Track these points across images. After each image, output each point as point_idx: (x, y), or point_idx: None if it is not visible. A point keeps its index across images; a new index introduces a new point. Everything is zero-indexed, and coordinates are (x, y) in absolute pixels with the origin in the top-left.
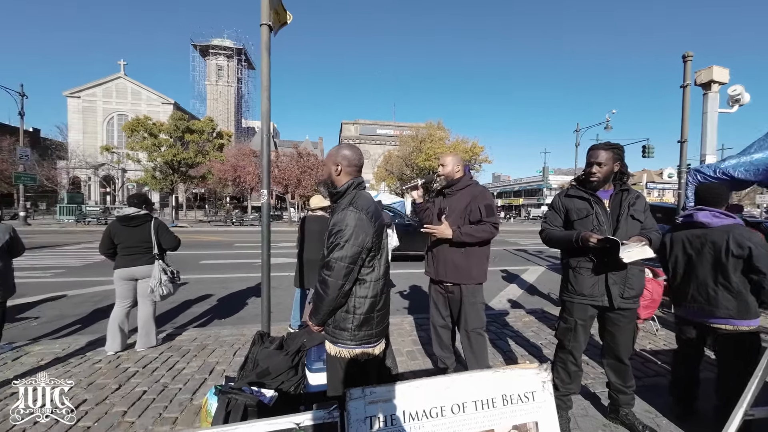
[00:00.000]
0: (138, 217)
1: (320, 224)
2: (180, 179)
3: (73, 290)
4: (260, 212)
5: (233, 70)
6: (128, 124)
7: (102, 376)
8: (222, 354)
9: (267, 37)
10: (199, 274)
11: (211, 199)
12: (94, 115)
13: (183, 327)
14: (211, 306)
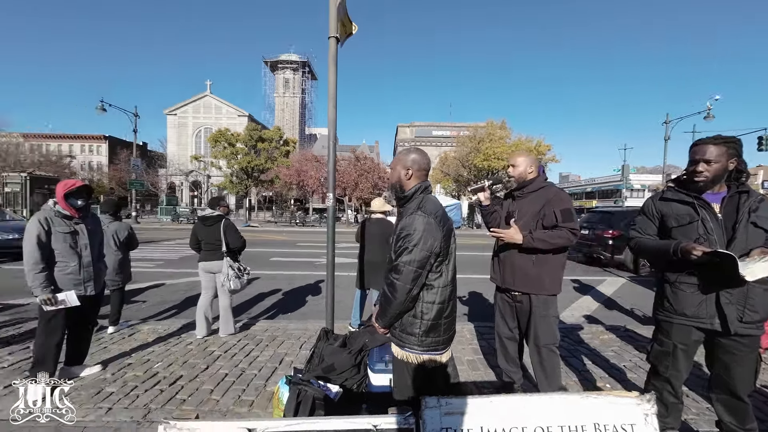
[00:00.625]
0: (212, 217)
1: (380, 227)
2: (253, 183)
3: (170, 280)
4: (321, 214)
5: (298, 82)
6: (212, 135)
7: (193, 357)
8: (290, 346)
9: (334, 49)
10: (270, 270)
11: (277, 202)
12: (186, 129)
13: (256, 318)
14: (278, 300)
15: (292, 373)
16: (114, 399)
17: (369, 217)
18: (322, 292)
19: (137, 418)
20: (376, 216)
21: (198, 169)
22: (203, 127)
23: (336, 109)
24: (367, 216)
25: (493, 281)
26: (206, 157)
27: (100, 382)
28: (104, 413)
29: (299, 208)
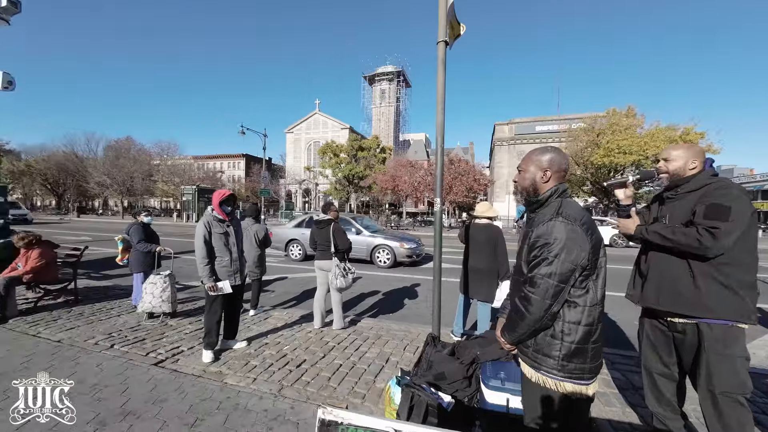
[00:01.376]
0: (324, 221)
1: (487, 233)
2: (353, 189)
3: (291, 274)
4: (414, 217)
5: (393, 92)
6: (321, 148)
7: (313, 344)
8: (394, 346)
9: (443, 53)
10: (369, 271)
11: (373, 206)
12: (300, 143)
13: (361, 315)
14: (379, 300)
15: (400, 374)
16: (257, 371)
17: (472, 221)
18: (419, 296)
19: (274, 391)
20: (482, 221)
21: (309, 178)
22: (313, 141)
23: (444, 114)
24: (470, 219)
25: (630, 299)
26: (315, 167)
27: (247, 356)
28: (251, 382)
29: (393, 212)
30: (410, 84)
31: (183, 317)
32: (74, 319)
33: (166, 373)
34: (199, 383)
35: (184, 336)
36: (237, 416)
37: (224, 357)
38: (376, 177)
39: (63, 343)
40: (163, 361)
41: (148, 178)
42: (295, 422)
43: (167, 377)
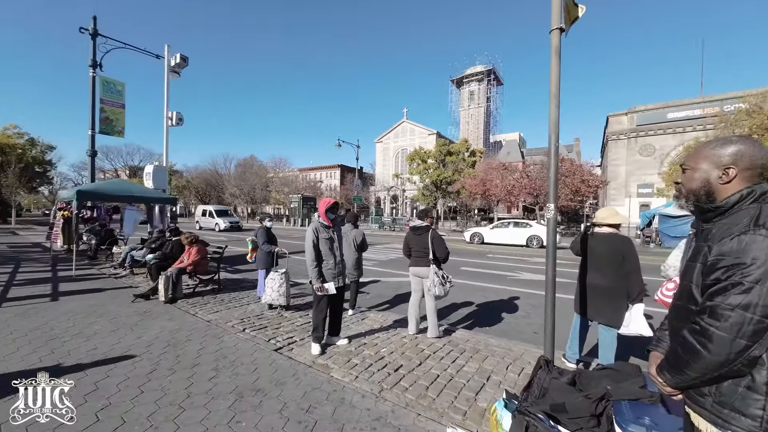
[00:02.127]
0: (421, 227)
1: (611, 244)
2: (441, 195)
3: (383, 278)
4: (506, 223)
5: (482, 92)
6: (409, 155)
7: (408, 350)
8: (495, 364)
9: (557, 42)
10: (461, 279)
11: (461, 211)
12: (389, 152)
13: (455, 325)
14: (473, 311)
15: (504, 395)
16: (358, 370)
17: (592, 231)
18: (519, 310)
19: (375, 392)
20: (605, 230)
21: (396, 184)
22: (401, 149)
23: (559, 110)
24: (589, 228)
25: None
26: (404, 174)
27: (348, 353)
28: (353, 379)
29: (483, 218)
30: (502, 81)
31: (294, 310)
32: (218, 304)
33: (284, 359)
34: (310, 373)
35: (296, 328)
36: (343, 410)
37: (329, 351)
38: (464, 181)
39: (211, 323)
40: (281, 348)
41: (265, 189)
42: (396, 427)
43: (285, 363)
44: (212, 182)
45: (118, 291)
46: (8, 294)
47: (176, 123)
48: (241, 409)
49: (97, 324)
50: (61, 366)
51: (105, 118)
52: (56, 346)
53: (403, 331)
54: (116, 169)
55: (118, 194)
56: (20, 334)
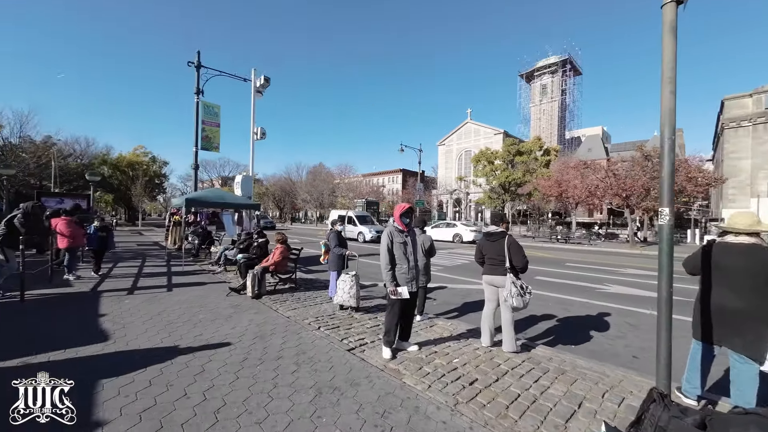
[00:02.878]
0: (496, 233)
1: (752, 258)
2: (509, 198)
3: (449, 284)
4: (589, 229)
5: (557, 84)
6: (475, 156)
7: (483, 364)
8: (587, 389)
9: (673, 15)
10: (538, 289)
11: (532, 215)
12: (451, 154)
13: (533, 340)
14: (554, 326)
15: (604, 428)
16: (430, 379)
17: (722, 241)
18: (611, 329)
19: (450, 404)
20: (742, 240)
21: (460, 188)
22: (464, 151)
23: (674, 98)
24: (712, 237)
25: None
26: (468, 176)
27: (419, 360)
28: (426, 388)
29: (558, 222)
30: (580, 71)
31: (364, 312)
32: (295, 302)
33: (356, 360)
34: (383, 377)
35: (366, 330)
36: (418, 420)
37: (400, 356)
38: (537, 183)
39: (290, 320)
40: (353, 348)
41: (332, 194)
42: None
43: (358, 364)
44: (287, 189)
45: (216, 285)
46: (138, 284)
47: (260, 137)
48: (321, 405)
49: (201, 314)
50: (178, 347)
51: (205, 136)
52: (172, 330)
53: (475, 342)
54: (212, 179)
55: (215, 201)
56: (147, 317)
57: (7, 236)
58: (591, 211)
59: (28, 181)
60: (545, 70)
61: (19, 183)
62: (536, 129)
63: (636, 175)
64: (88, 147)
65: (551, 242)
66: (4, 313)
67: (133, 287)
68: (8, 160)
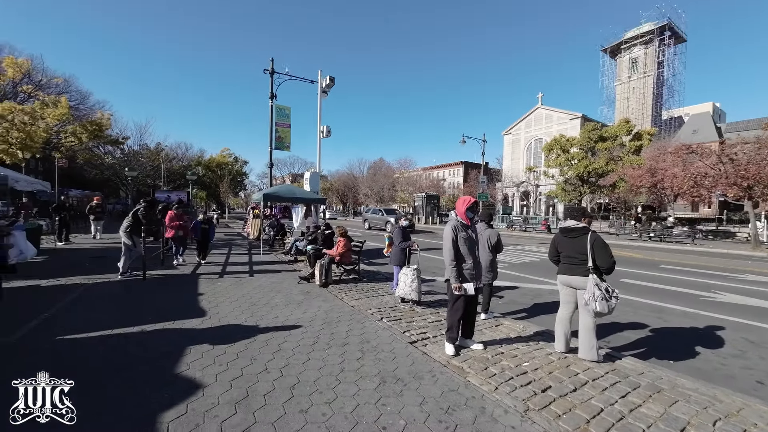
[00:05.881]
0: (577, 229)
1: None
2: (588, 189)
3: (517, 283)
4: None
5: (651, 56)
6: (546, 145)
7: (557, 371)
8: (692, 413)
9: None
10: (624, 293)
11: (616, 209)
12: (519, 144)
13: (619, 350)
14: (645, 336)
15: None
16: (497, 380)
17: None
18: (726, 345)
19: (519, 410)
20: None
21: (528, 179)
22: (534, 139)
23: None
24: None
25: None
26: (539, 167)
27: (485, 360)
28: (493, 390)
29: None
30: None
31: (425, 307)
32: (359, 292)
33: (419, 353)
34: (446, 372)
35: (428, 324)
36: (484, 421)
37: (463, 354)
38: (624, 172)
39: (355, 309)
40: (415, 342)
41: (392, 189)
42: None
43: (421, 357)
44: (349, 184)
45: (288, 273)
46: (226, 269)
47: (326, 135)
48: (385, 394)
49: (276, 298)
50: (258, 326)
51: (278, 137)
52: (254, 311)
53: (547, 347)
54: (283, 176)
55: (287, 196)
56: (234, 299)
57: (134, 226)
58: (695, 205)
59: (145, 180)
60: (636, 41)
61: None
62: (623, 110)
63: (763, 159)
64: (186, 151)
65: (641, 240)
66: (131, 288)
67: (222, 272)
68: (132, 164)
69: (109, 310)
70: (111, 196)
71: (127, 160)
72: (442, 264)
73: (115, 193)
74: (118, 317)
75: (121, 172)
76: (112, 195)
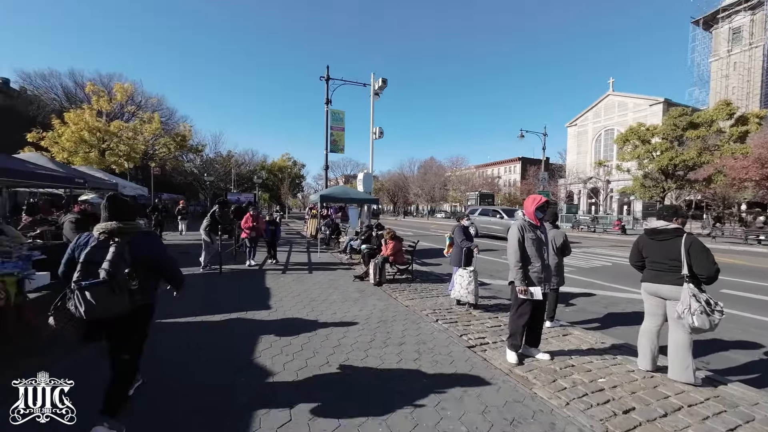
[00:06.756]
0: (667, 231)
1: None
2: (674, 185)
3: (588, 289)
4: None
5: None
6: (620, 136)
7: (641, 391)
8: None
9: None
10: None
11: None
12: (586, 136)
13: (723, 374)
14: (757, 360)
15: None
16: (568, 395)
17: None
18: None
19: (596, 429)
20: None
21: (597, 175)
22: (604, 130)
23: None
24: None
25: None
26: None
27: (552, 371)
28: (563, 405)
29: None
30: None
31: (483, 310)
32: (412, 292)
33: (478, 358)
34: (509, 382)
35: (486, 329)
36: None
37: (528, 363)
38: (722, 163)
39: (409, 309)
40: (474, 346)
41: (443, 188)
42: None
43: (480, 363)
44: (399, 184)
45: (343, 271)
46: (288, 265)
47: (379, 136)
48: (445, 398)
49: (334, 295)
50: (318, 321)
51: (333, 140)
52: (314, 306)
53: (627, 363)
54: (336, 178)
55: (342, 197)
56: (296, 293)
57: (212, 225)
58: None
59: (219, 184)
60: (739, 7)
61: (214, 186)
62: (720, 91)
63: None
64: (252, 156)
65: (746, 244)
66: (210, 280)
67: (285, 268)
68: (209, 170)
69: (195, 299)
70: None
71: (204, 167)
72: (500, 266)
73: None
74: (201, 306)
75: (200, 177)
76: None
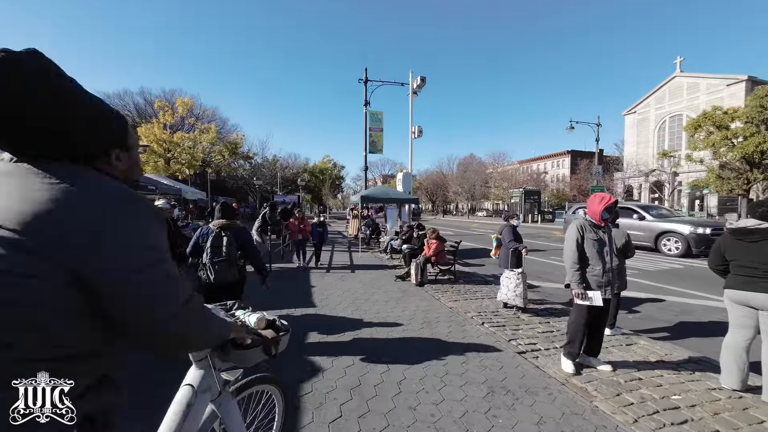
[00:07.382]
0: (760, 231)
1: None
2: (762, 176)
3: (654, 294)
4: None
5: None
6: (692, 121)
7: (726, 412)
8: None
9: None
10: None
11: None
12: (647, 124)
13: None
14: None
15: None
16: (636, 412)
17: None
18: None
19: None
20: None
21: (661, 167)
22: (668, 117)
23: None
24: None
25: None
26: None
27: (615, 384)
28: (631, 421)
29: None
30: None
31: (532, 315)
32: (456, 293)
33: (530, 366)
34: (566, 392)
35: (537, 334)
36: None
37: (586, 374)
38: None
39: (453, 310)
40: (524, 352)
41: (484, 185)
42: None
43: (533, 371)
44: (438, 182)
45: (385, 270)
46: (332, 264)
47: (417, 135)
48: (495, 405)
49: (376, 294)
50: (363, 321)
51: (372, 141)
52: (358, 305)
53: (707, 380)
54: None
55: (382, 197)
56: (340, 292)
57: (263, 226)
58: None
59: (266, 187)
60: None
61: (263, 189)
62: None
63: None
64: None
65: None
66: None
67: (329, 267)
68: (258, 174)
69: (250, 296)
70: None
71: (254, 171)
72: (550, 267)
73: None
74: (255, 302)
75: (250, 181)
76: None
